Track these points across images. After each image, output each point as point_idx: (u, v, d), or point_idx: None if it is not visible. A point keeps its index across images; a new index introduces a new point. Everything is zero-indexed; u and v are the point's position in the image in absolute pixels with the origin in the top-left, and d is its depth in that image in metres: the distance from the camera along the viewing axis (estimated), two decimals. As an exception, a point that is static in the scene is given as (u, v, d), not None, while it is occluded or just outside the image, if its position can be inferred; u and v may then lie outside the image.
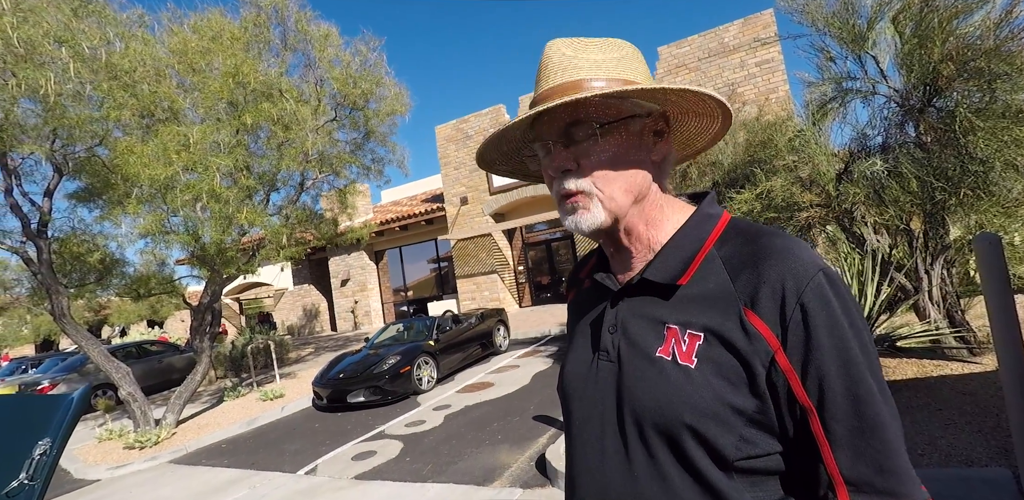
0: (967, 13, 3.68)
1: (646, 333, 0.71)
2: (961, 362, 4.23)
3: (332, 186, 9.91)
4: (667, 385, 0.66)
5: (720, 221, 0.74)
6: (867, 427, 0.59)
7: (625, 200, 0.72)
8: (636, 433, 0.68)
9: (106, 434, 7.46)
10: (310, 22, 8.63)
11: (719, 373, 0.64)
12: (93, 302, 10.55)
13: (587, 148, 0.71)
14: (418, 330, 8.62)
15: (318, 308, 19.01)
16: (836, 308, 0.61)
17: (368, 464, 5.00)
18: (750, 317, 0.63)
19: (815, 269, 0.63)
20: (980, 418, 3.30)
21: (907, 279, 4.53)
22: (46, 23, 5.58)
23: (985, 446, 2.98)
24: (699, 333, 0.66)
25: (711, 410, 0.63)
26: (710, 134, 0.82)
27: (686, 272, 0.70)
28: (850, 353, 0.60)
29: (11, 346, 19.04)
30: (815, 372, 0.60)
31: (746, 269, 0.66)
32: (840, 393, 0.60)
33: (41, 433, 1.17)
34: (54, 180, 7.05)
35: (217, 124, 6.97)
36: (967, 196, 3.79)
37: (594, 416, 0.73)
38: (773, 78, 10.41)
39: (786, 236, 0.68)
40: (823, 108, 4.73)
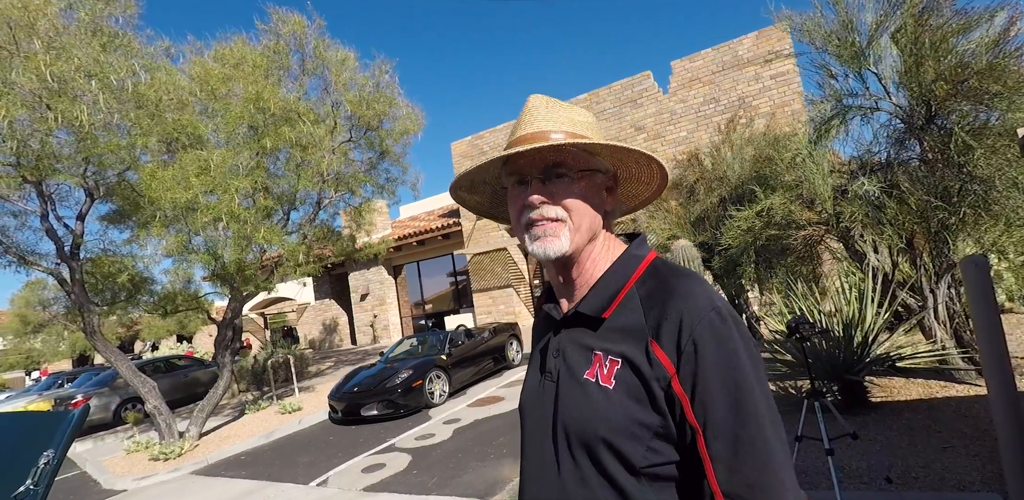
0: (963, 33, 3.68)
1: (578, 358, 0.82)
2: (967, 384, 4.14)
3: (348, 204, 10.18)
4: (590, 403, 0.77)
5: (643, 262, 0.85)
6: (744, 447, 0.68)
7: (586, 235, 0.85)
8: (565, 444, 0.80)
9: (133, 446, 7.74)
10: (328, 48, 8.95)
11: (630, 394, 0.74)
12: (125, 318, 10.99)
13: (564, 187, 0.84)
14: (431, 344, 8.75)
15: (338, 322, 19.34)
16: (724, 341, 0.71)
17: (377, 476, 5.12)
18: (654, 347, 0.74)
19: (708, 308, 0.73)
20: (978, 442, 3.25)
21: (912, 298, 4.47)
22: (77, 58, 5.93)
23: (980, 471, 2.94)
24: (617, 359, 0.77)
25: (622, 425, 0.74)
26: (640, 199, 1.00)
27: (609, 307, 0.81)
28: (733, 381, 0.69)
29: (49, 361, 19.84)
30: (701, 397, 0.70)
31: (655, 306, 0.77)
32: (721, 416, 0.69)
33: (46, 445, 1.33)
34: (86, 204, 7.42)
35: (237, 148, 7.28)
36: (968, 215, 3.76)
37: (538, 429, 0.86)
38: (788, 90, 10.35)
39: (692, 277, 0.79)
40: (825, 125, 4.74)
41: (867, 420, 3.88)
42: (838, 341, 4.14)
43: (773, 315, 4.98)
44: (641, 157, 0.87)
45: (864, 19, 4.40)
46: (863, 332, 4.10)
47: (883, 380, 4.59)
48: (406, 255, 17.36)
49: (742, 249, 5.34)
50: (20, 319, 16.96)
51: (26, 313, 16.72)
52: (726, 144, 7.14)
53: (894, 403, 4.13)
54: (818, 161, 4.32)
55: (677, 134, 11.56)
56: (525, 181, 0.85)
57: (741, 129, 7.50)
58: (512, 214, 0.89)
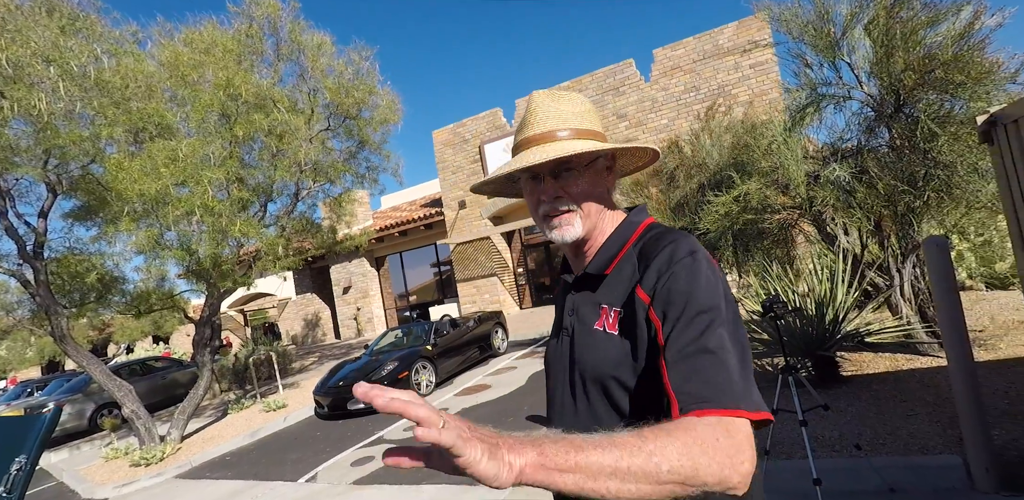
0: (932, 25, 3.79)
1: (589, 313, 0.97)
2: (931, 356, 4.34)
3: (328, 195, 10.02)
4: (600, 349, 0.92)
5: (640, 227, 1.00)
6: (698, 354, 0.74)
7: (596, 218, 0.99)
8: (581, 386, 0.94)
9: (112, 453, 7.55)
10: (303, 32, 8.65)
11: (629, 334, 0.88)
12: (96, 321, 10.67)
13: (573, 181, 0.97)
14: (416, 335, 8.75)
15: (320, 316, 19.16)
16: (693, 273, 0.82)
17: (366, 469, 5.14)
18: (638, 289, 0.87)
19: (686, 253, 0.85)
20: (939, 409, 3.44)
21: (880, 277, 4.64)
22: (34, 42, 5.61)
23: (941, 435, 3.12)
24: (619, 309, 0.90)
25: (622, 360, 0.88)
26: (635, 166, 1.15)
27: (610, 266, 0.97)
28: (694, 302, 0.79)
29: (16, 369, 19.13)
30: (670, 318, 0.80)
31: (644, 258, 0.90)
32: (680, 329, 0.77)
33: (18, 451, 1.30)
34: (48, 200, 7.11)
35: (208, 137, 7.04)
36: (932, 198, 3.90)
37: (559, 376, 1.02)
38: (767, 80, 10.49)
39: (680, 233, 0.91)
40: (800, 113, 4.85)
41: (838, 393, 4.05)
42: (811, 319, 4.29)
43: (750, 296, 5.13)
44: (636, 149, 1.02)
45: (839, 10, 4.50)
46: (834, 310, 4.26)
47: (853, 355, 4.78)
48: (388, 246, 17.23)
49: (720, 233, 5.45)
50: (-17, 324, 16.31)
51: (-11, 318, 16.05)
52: (705, 132, 7.23)
53: (863, 376, 4.32)
54: (793, 148, 4.42)
55: (658, 122, 11.66)
56: (538, 177, 0.98)
57: (720, 117, 7.62)
58: (530, 206, 1.03)
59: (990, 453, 2.61)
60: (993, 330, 4.91)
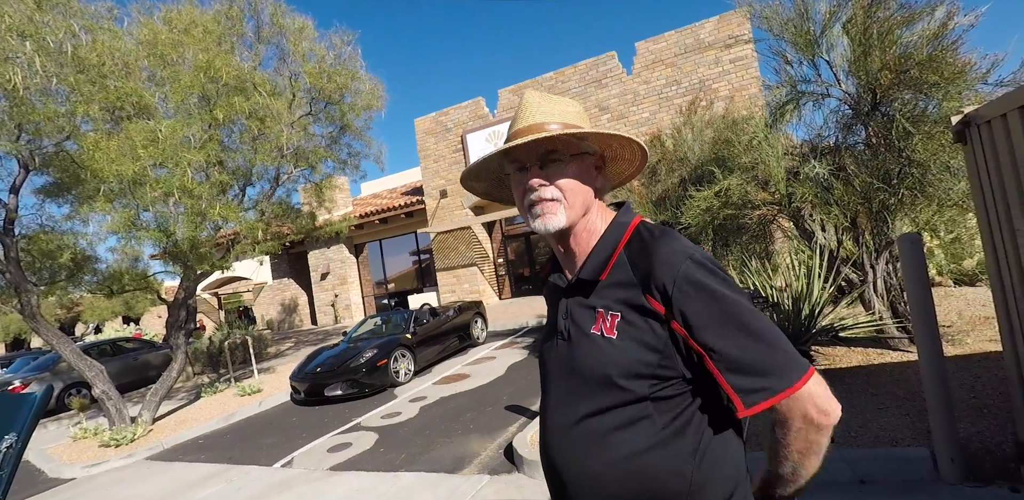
0: (907, 25, 3.88)
1: (585, 317, 0.99)
2: (901, 351, 4.50)
3: (308, 180, 9.89)
4: (598, 352, 0.95)
5: (629, 227, 1.01)
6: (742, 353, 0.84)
7: (580, 210, 1.01)
8: (580, 387, 0.97)
9: (81, 433, 7.44)
10: (285, 15, 8.54)
11: (633, 338, 0.92)
12: (65, 299, 10.43)
13: (558, 170, 0.99)
14: (396, 323, 8.73)
15: (297, 302, 18.95)
16: (702, 281, 0.87)
17: (343, 455, 5.14)
18: (648, 299, 0.90)
19: (684, 258, 0.89)
20: (909, 402, 3.56)
21: (854, 273, 4.78)
22: (8, 17, 5.47)
23: (911, 428, 3.24)
24: (617, 313, 0.94)
25: (627, 365, 0.91)
26: (624, 176, 1.17)
27: (604, 270, 0.98)
28: (719, 309, 0.86)
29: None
30: (698, 329, 0.86)
31: (640, 264, 0.93)
32: (717, 335, 0.86)
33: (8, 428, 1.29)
34: (20, 176, 6.92)
35: (188, 119, 6.90)
36: (906, 196, 4.03)
37: (558, 379, 1.04)
38: (746, 75, 10.62)
39: (667, 236, 0.95)
40: (780, 110, 4.94)
41: (811, 387, 4.15)
42: (787, 314, 4.41)
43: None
44: (622, 140, 1.03)
45: (819, 8, 4.57)
46: (810, 305, 4.38)
47: (827, 349, 4.92)
48: (368, 233, 17.08)
49: (701, 228, 5.54)
50: (-55, 301, 15.79)
51: (-48, 295, 15.57)
52: (687, 126, 7.31)
53: (836, 370, 4.45)
54: (773, 144, 4.50)
55: (640, 115, 11.72)
56: (524, 168, 1.00)
57: (701, 112, 7.70)
58: (516, 197, 1.05)
59: (956, 445, 2.71)
60: (961, 326, 5.09)
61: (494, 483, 3.91)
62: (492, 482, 3.93)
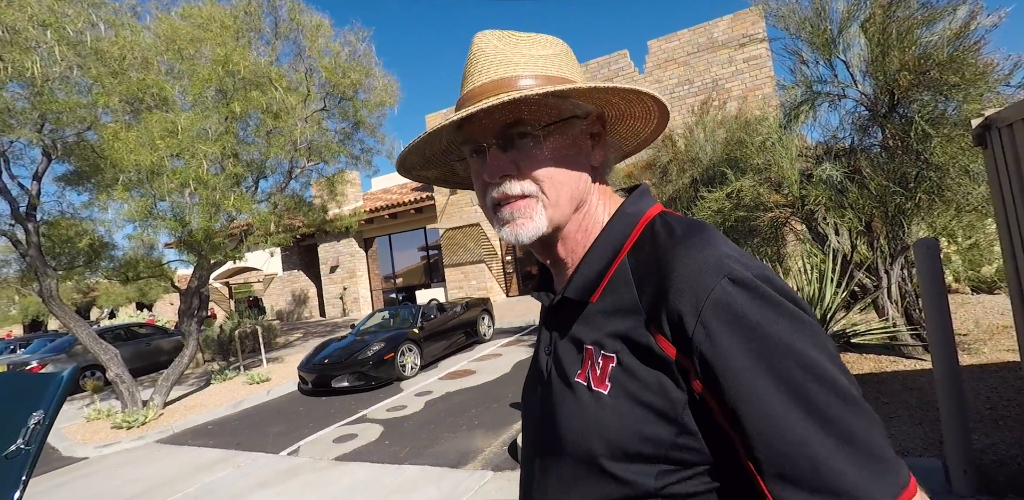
0: (927, 25, 3.82)
1: (569, 355, 0.67)
2: (915, 359, 4.44)
3: (321, 174, 9.99)
4: (580, 414, 0.62)
5: (640, 222, 0.67)
6: (799, 450, 0.50)
7: (568, 207, 0.67)
8: (560, 464, 0.65)
9: (94, 414, 7.62)
10: (302, 12, 8.63)
11: (632, 398, 0.58)
12: (82, 284, 10.65)
13: (528, 151, 0.65)
14: (403, 318, 8.78)
15: (307, 294, 19.12)
16: (748, 318, 0.53)
17: (348, 446, 5.19)
18: (656, 338, 0.57)
19: (717, 277, 0.55)
20: (921, 411, 3.51)
21: (868, 278, 4.72)
22: (30, 7, 5.57)
23: (923, 438, 3.19)
24: (612, 355, 0.61)
25: (622, 441, 0.58)
26: (641, 137, 0.78)
27: (598, 287, 0.65)
28: (770, 369, 0.51)
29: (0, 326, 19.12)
30: (731, 396, 0.52)
31: (648, 280, 0.60)
32: (760, 411, 0.51)
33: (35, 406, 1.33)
34: (43, 164, 7.10)
35: (205, 111, 7.01)
36: (923, 200, 3.97)
37: (532, 438, 0.72)
38: (760, 74, 10.52)
39: (696, 236, 0.60)
40: (795, 110, 4.89)
41: (820, 393, 4.11)
42: (798, 318, 4.35)
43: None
44: (624, 92, 0.67)
45: (836, 7, 4.51)
46: (822, 310, 4.33)
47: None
48: (378, 228, 17.17)
49: (712, 229, 5.50)
50: (-34, 283, 16.19)
51: (-28, 277, 15.98)
52: (699, 126, 7.26)
53: (845, 376, 4.39)
54: (787, 145, 4.46)
55: (653, 115, 11.65)
56: (481, 149, 0.67)
57: (714, 111, 7.63)
58: (477, 192, 0.72)
59: (969, 457, 2.64)
60: (978, 334, 4.99)
61: (497, 479, 3.93)
62: (495, 478, 3.95)
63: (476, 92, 0.66)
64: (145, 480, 5.19)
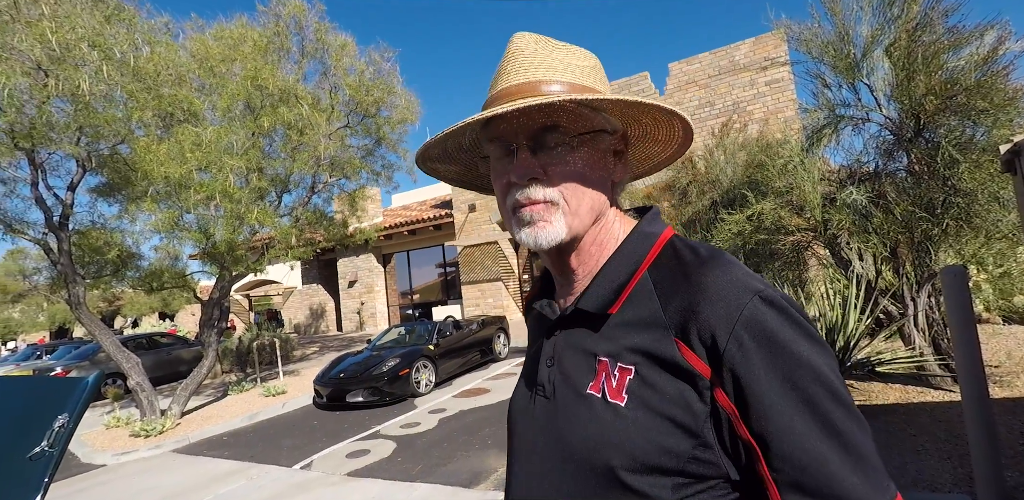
0: (954, 49, 3.80)
1: (579, 367, 0.66)
2: (943, 390, 4.30)
3: (342, 190, 10.17)
4: (596, 426, 0.62)
5: (658, 241, 0.68)
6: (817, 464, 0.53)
7: (588, 218, 0.68)
8: (563, 474, 0.64)
9: (114, 421, 7.71)
10: (328, 32, 8.91)
11: (650, 411, 0.59)
12: (107, 293, 10.93)
13: (559, 157, 0.66)
14: (419, 334, 8.80)
15: (325, 308, 19.29)
16: (780, 337, 0.56)
17: (361, 462, 5.17)
18: (683, 350, 0.58)
19: (748, 295, 0.57)
20: (950, 445, 3.39)
21: (894, 305, 4.62)
22: (80, 28, 5.87)
23: (951, 473, 3.07)
24: (629, 367, 0.61)
25: (640, 453, 0.58)
26: (655, 161, 0.80)
27: (617, 300, 0.65)
28: (796, 387, 0.54)
29: (27, 332, 19.60)
30: (758, 411, 0.55)
31: (676, 295, 0.61)
32: (786, 426, 0.54)
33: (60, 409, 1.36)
34: (77, 175, 7.33)
35: (232, 125, 7.24)
36: (951, 227, 3.90)
37: (533, 453, 0.70)
38: (782, 97, 10.50)
39: (720, 257, 0.63)
40: (817, 134, 4.86)
41: (843, 422, 4.00)
42: (820, 344, 4.25)
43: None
44: (659, 113, 0.68)
45: (860, 31, 4.51)
46: (845, 337, 4.24)
47: (862, 384, 4.74)
48: (396, 244, 17.34)
49: (732, 252, 5.45)
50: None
51: (5, 282, 16.50)
52: (720, 148, 7.26)
53: (872, 407, 4.28)
54: (809, 169, 4.43)
55: (673, 136, 11.68)
56: (510, 150, 0.67)
57: (735, 134, 7.63)
58: (497, 193, 0.71)
59: (1001, 494, 2.55)
60: (1010, 367, 4.83)
61: (509, 499, 3.86)
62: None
63: (511, 90, 0.66)
64: (160, 489, 5.21)
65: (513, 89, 0.66)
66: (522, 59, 0.67)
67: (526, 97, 0.63)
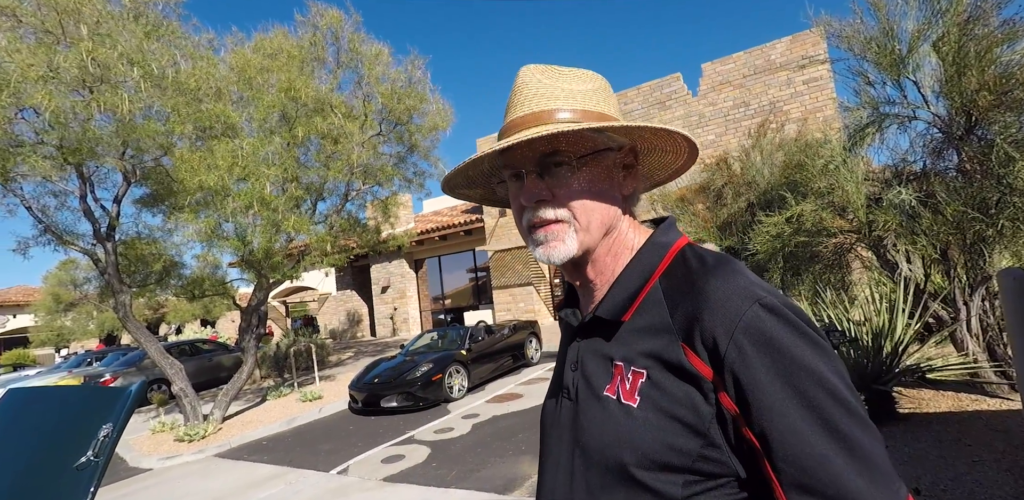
0: (1009, 42, 3.62)
1: (598, 371, 0.71)
2: (1000, 398, 4.08)
3: (375, 197, 10.32)
4: (610, 426, 0.66)
5: (670, 250, 0.72)
6: (819, 464, 0.55)
7: (598, 233, 0.73)
8: (583, 471, 0.69)
9: (159, 426, 7.98)
10: (363, 42, 9.08)
11: (661, 412, 0.63)
12: (152, 301, 11.33)
13: (564, 179, 0.71)
14: (451, 339, 8.84)
15: (359, 313, 19.59)
16: (779, 341, 0.58)
17: (396, 467, 5.21)
18: (688, 355, 0.62)
19: (750, 302, 0.60)
20: (1011, 456, 3.21)
21: (944, 309, 4.40)
22: (120, 45, 6.07)
23: (1013, 486, 2.90)
24: (642, 370, 0.66)
25: (651, 451, 0.62)
26: (671, 169, 0.84)
27: (630, 308, 0.70)
28: (795, 389, 0.57)
29: (79, 340, 20.50)
30: (758, 409, 0.58)
31: (682, 303, 0.65)
32: (787, 426, 0.56)
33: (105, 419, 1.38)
34: (123, 187, 7.63)
35: (269, 136, 7.44)
36: (1006, 227, 3.70)
37: (559, 454, 0.75)
38: (821, 96, 10.20)
39: (727, 265, 0.66)
40: (860, 132, 4.69)
41: (894, 431, 3.84)
42: (867, 350, 4.10)
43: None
44: (655, 131, 0.72)
45: (905, 27, 4.34)
46: (892, 342, 4.06)
47: (912, 391, 4.53)
48: (428, 249, 17.50)
49: (770, 255, 5.30)
50: (53, 297, 17.57)
51: (58, 292, 17.33)
52: (756, 149, 7.08)
53: (923, 415, 4.09)
54: (852, 168, 4.28)
55: (705, 137, 11.48)
56: (520, 176, 0.74)
57: (771, 134, 7.43)
58: (514, 214, 0.78)
59: (1062, 504, 2.42)
60: (1068, 373, 4.56)
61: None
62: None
63: (517, 122, 0.73)
64: (202, 493, 5.36)
65: (519, 121, 0.73)
66: (527, 91, 0.74)
67: (530, 127, 0.71)
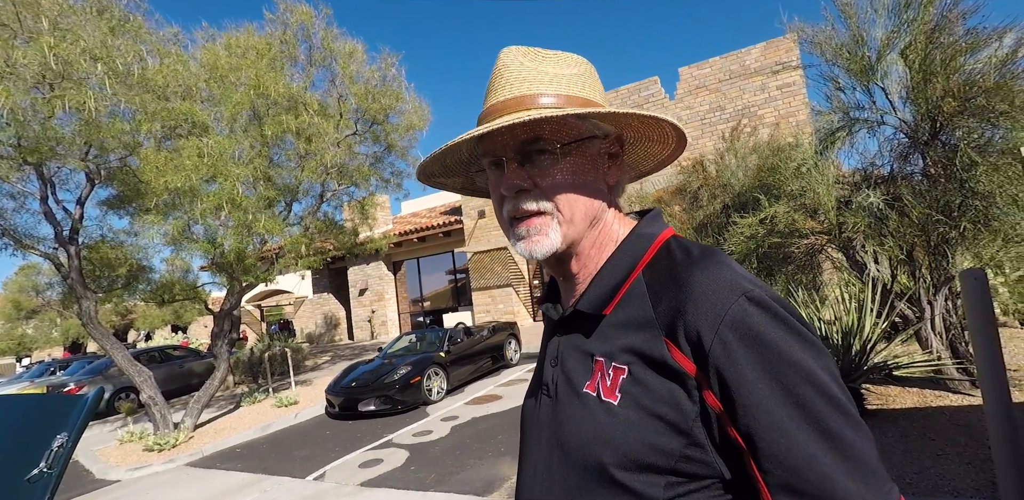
0: (972, 51, 3.76)
1: (578, 367, 0.68)
2: (961, 394, 4.23)
3: (352, 197, 10.18)
4: (589, 424, 0.63)
5: (654, 242, 0.69)
6: (807, 465, 0.53)
7: (583, 225, 0.69)
8: (561, 471, 0.65)
9: (127, 436, 7.70)
10: (335, 39, 8.93)
11: (642, 410, 0.59)
12: (120, 306, 10.99)
13: (546, 168, 0.67)
14: (430, 341, 8.78)
15: (336, 317, 19.33)
16: (765, 336, 0.55)
17: (374, 472, 5.15)
18: (671, 350, 0.59)
19: (735, 295, 0.57)
20: (972, 450, 3.33)
21: (910, 309, 4.55)
22: (83, 41, 5.83)
23: (973, 478, 3.02)
24: (623, 366, 0.62)
25: (631, 451, 0.59)
26: (657, 159, 0.81)
27: (611, 301, 0.66)
28: (783, 386, 0.54)
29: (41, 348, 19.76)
30: (743, 407, 0.54)
31: (666, 296, 0.61)
32: (773, 425, 0.54)
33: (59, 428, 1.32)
34: (86, 189, 7.36)
35: (239, 135, 7.25)
36: (968, 229, 3.84)
37: (537, 453, 0.71)
38: (794, 101, 10.45)
39: (712, 257, 0.63)
40: (831, 137, 4.82)
41: (863, 427, 3.94)
42: (836, 349, 4.21)
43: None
44: (643, 118, 0.68)
45: (874, 34, 4.47)
46: (861, 341, 4.18)
47: (879, 388, 4.67)
48: (406, 251, 17.37)
49: (744, 256, 5.41)
50: (13, 304, 16.91)
51: (19, 298, 16.66)
52: (730, 152, 7.21)
53: (889, 411, 4.21)
54: (823, 171, 4.39)
55: (682, 140, 11.65)
56: (500, 164, 0.69)
57: (745, 138, 7.59)
58: (494, 204, 0.73)
59: (1025, 498, 2.52)
60: (1028, 370, 4.76)
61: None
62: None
63: (498, 107, 0.68)
64: (174, 503, 5.22)
65: (500, 105, 0.68)
66: (508, 75, 0.69)
67: (512, 112, 0.66)
